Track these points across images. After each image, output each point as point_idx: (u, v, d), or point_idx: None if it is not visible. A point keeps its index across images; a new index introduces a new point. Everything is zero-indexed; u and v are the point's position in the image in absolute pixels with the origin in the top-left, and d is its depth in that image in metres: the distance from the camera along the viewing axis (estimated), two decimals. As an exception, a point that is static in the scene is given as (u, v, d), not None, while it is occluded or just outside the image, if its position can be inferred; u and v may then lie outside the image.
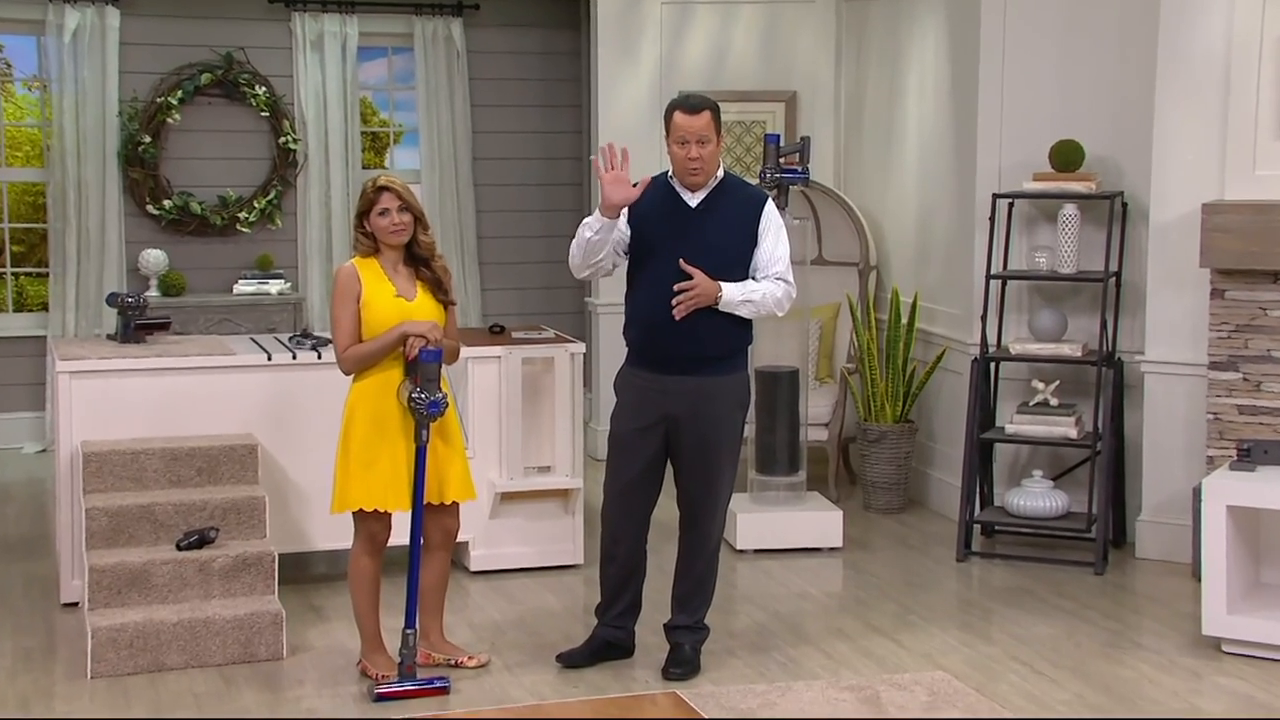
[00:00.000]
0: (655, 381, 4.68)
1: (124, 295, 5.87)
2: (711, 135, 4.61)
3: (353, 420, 4.56)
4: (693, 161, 4.60)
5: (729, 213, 4.68)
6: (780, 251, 4.71)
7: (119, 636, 4.76)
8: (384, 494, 4.55)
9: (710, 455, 4.70)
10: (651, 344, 4.68)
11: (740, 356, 4.78)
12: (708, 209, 4.68)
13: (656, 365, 4.68)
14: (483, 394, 5.82)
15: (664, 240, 4.65)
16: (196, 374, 5.55)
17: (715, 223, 4.66)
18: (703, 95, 4.74)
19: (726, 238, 4.66)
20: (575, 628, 5.18)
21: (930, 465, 7.07)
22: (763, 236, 4.70)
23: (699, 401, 4.65)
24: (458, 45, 8.72)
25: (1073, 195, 6.18)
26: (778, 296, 4.69)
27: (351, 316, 4.53)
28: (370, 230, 4.58)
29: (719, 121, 4.65)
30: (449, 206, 8.76)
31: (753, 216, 4.69)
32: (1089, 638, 5.20)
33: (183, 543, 5.06)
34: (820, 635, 5.24)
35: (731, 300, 4.61)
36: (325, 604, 5.49)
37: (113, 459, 5.28)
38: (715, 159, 4.66)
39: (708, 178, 4.67)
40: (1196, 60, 5.87)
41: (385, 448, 4.55)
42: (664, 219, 4.67)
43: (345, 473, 4.56)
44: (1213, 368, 5.80)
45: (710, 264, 4.61)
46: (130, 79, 8.20)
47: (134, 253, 8.24)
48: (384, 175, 4.65)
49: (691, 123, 4.59)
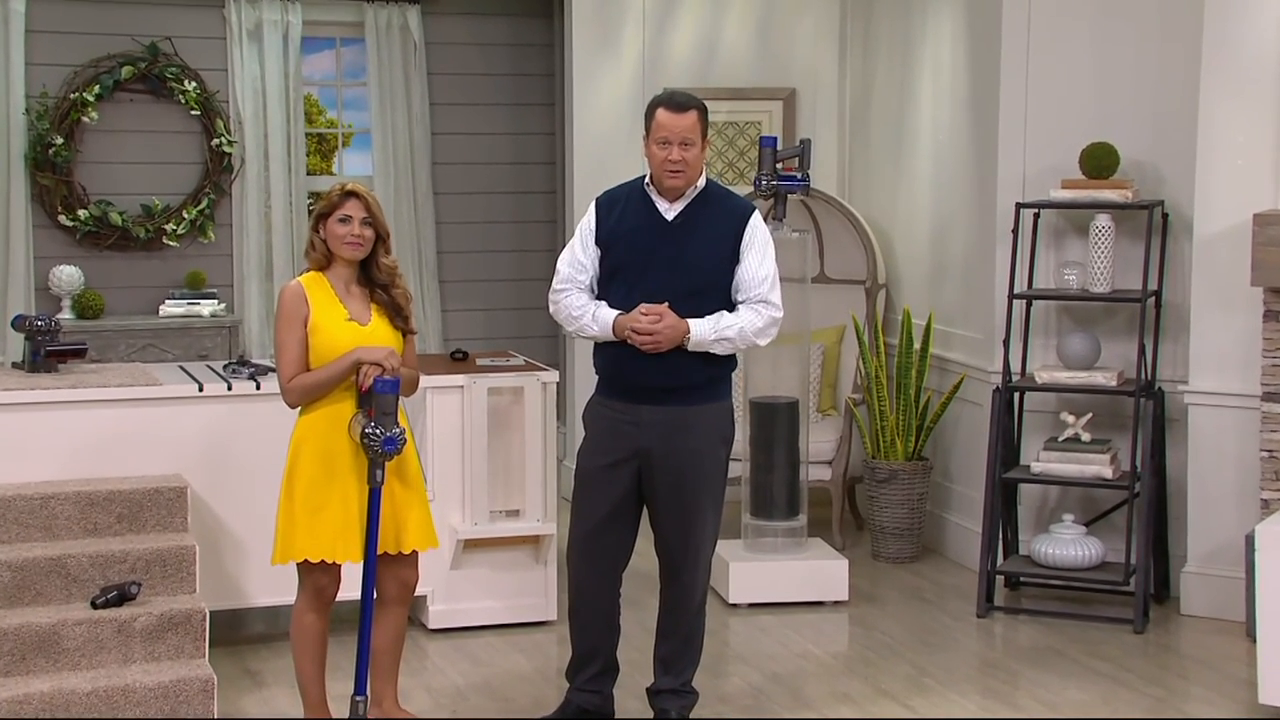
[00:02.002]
0: (627, 412, 4.69)
1: (32, 318, 5.83)
2: (696, 138, 4.62)
3: (298, 459, 4.52)
4: (673, 164, 4.60)
5: (709, 227, 4.66)
6: (764, 271, 4.68)
7: (22, 710, 4.70)
8: (333, 543, 4.51)
9: (688, 496, 4.68)
10: (621, 372, 4.69)
11: (722, 384, 4.76)
12: (685, 222, 4.68)
13: (628, 394, 4.69)
14: (443, 428, 5.79)
15: (636, 257, 4.66)
16: (117, 407, 5.51)
17: (693, 238, 4.66)
18: (690, 93, 4.75)
19: (705, 255, 4.65)
20: (548, 692, 5.16)
21: (947, 508, 7.06)
22: (745, 253, 4.67)
23: (674, 434, 4.65)
24: (415, 36, 8.71)
25: (1106, 205, 6.18)
26: (758, 326, 4.66)
27: (298, 341, 4.49)
28: (324, 237, 4.56)
29: (706, 124, 4.67)
30: (405, 217, 8.73)
31: (735, 231, 4.68)
32: (1128, 705, 5.18)
33: (99, 600, 5.01)
34: (823, 700, 5.21)
35: (702, 340, 4.61)
36: (263, 668, 5.44)
37: (18, 504, 5.22)
38: (699, 165, 4.67)
39: (688, 184, 4.67)
40: (1246, 52, 5.89)
41: (335, 490, 4.51)
42: (637, 233, 4.68)
43: (289, 519, 4.51)
44: (1266, 399, 5.80)
45: (686, 285, 4.61)
46: (39, 72, 8.15)
47: (44, 269, 8.18)
48: (354, 182, 4.67)
49: (676, 122, 4.59)
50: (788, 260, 6.27)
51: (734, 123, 7.97)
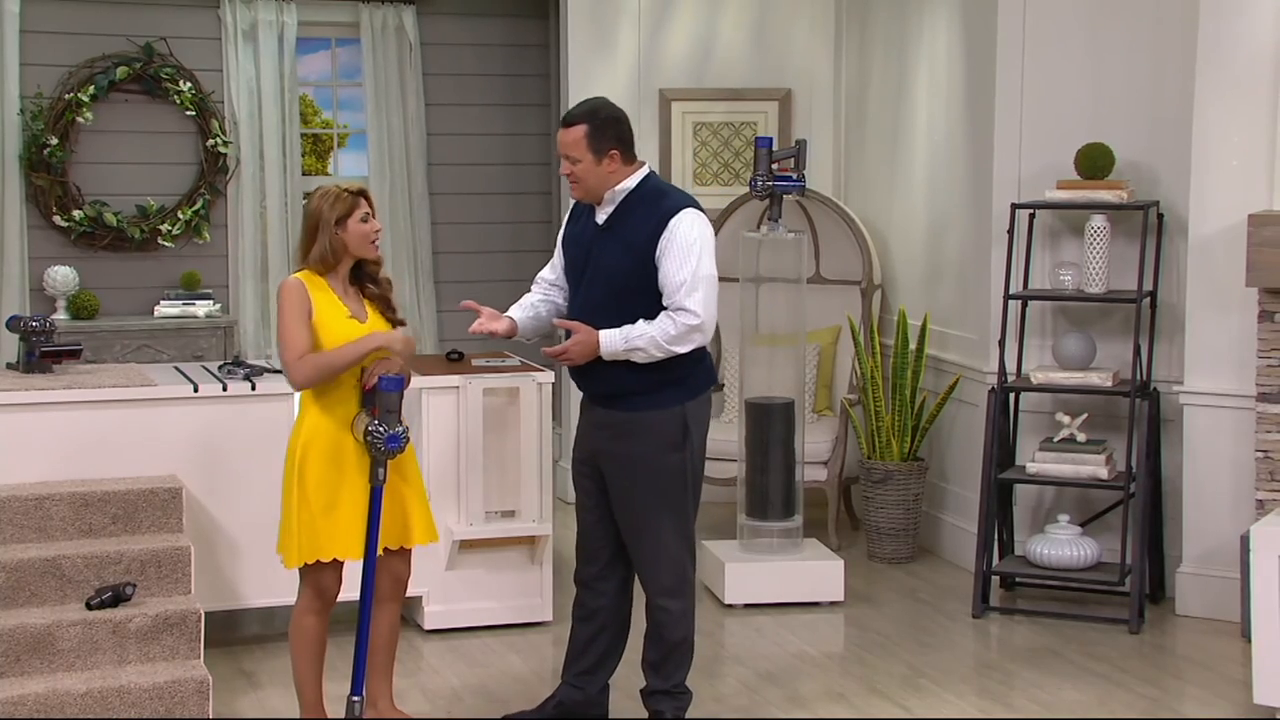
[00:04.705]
0: (586, 413, 4.79)
1: (27, 319, 5.82)
2: (583, 154, 4.56)
3: (307, 458, 4.51)
4: (567, 176, 4.64)
5: (630, 232, 4.60)
6: (680, 276, 4.50)
7: (17, 711, 4.69)
8: (347, 541, 4.52)
9: (637, 501, 4.67)
10: (574, 375, 4.74)
11: (671, 389, 4.64)
12: (611, 228, 4.65)
13: (586, 397, 4.78)
14: (439, 429, 5.79)
15: (576, 263, 4.72)
16: (112, 408, 5.50)
17: (614, 244, 4.63)
18: (591, 105, 4.65)
19: (621, 261, 4.60)
20: (543, 693, 5.14)
21: (942, 509, 7.06)
22: (661, 259, 4.53)
23: (620, 439, 4.66)
24: (410, 36, 8.71)
25: (1102, 205, 6.19)
26: (671, 335, 4.52)
27: (305, 327, 4.48)
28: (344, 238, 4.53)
29: (602, 138, 4.56)
30: (401, 218, 8.73)
31: (653, 235, 4.55)
32: (1123, 705, 5.18)
33: (94, 601, 5.00)
34: (818, 700, 5.21)
35: (613, 351, 4.56)
36: (258, 669, 5.43)
37: (12, 505, 5.21)
38: (592, 176, 4.59)
39: (588, 196, 4.65)
40: (1241, 53, 5.89)
41: (345, 489, 4.52)
42: (579, 239, 4.73)
43: (308, 520, 4.49)
44: (1261, 399, 5.81)
45: (605, 292, 4.61)
46: (34, 72, 8.15)
47: (38, 270, 8.18)
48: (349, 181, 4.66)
49: (561, 137, 4.62)
50: (783, 261, 6.31)
51: (730, 123, 7.97)
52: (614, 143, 4.59)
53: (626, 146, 4.62)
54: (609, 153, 4.58)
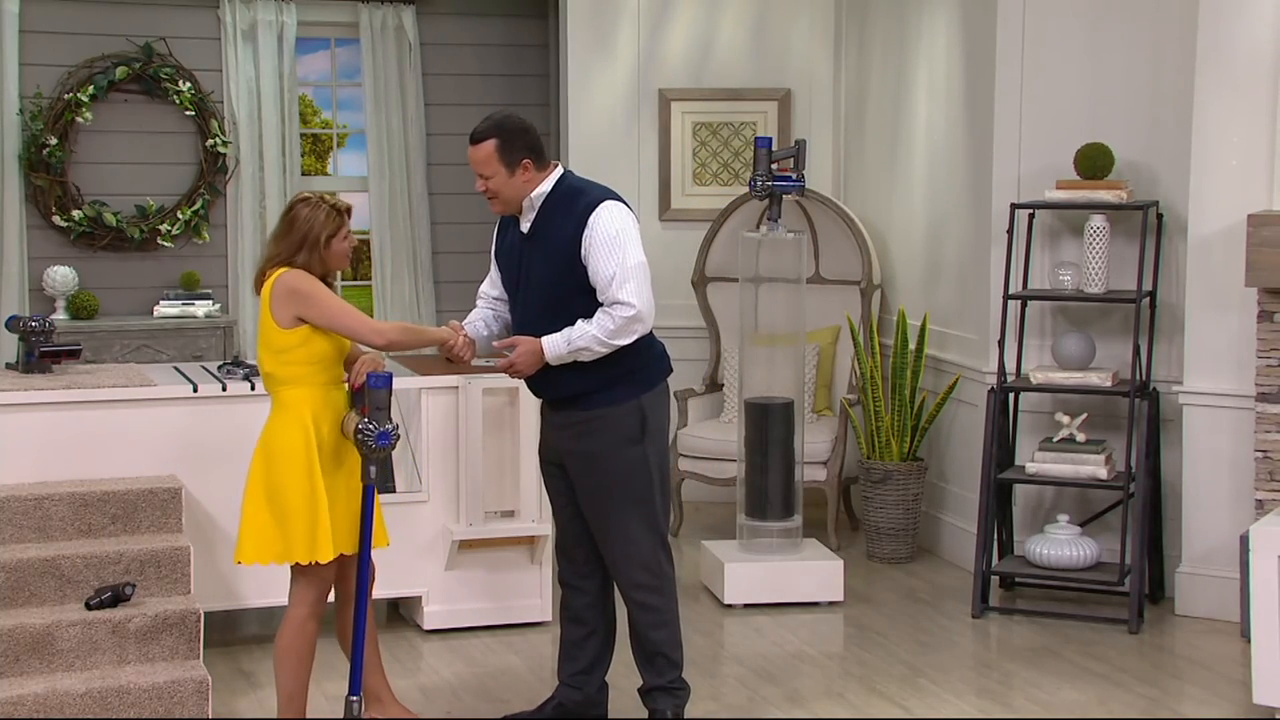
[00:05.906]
0: (548, 415, 4.78)
1: (26, 319, 5.82)
2: (496, 169, 4.52)
3: (309, 454, 4.51)
4: (483, 194, 4.61)
5: (554, 235, 4.57)
6: (609, 270, 4.47)
7: (16, 711, 4.69)
8: (348, 536, 4.55)
9: (600, 498, 4.66)
10: (529, 384, 4.74)
11: (625, 385, 4.62)
12: (535, 235, 4.63)
13: (543, 401, 4.79)
14: (438, 429, 5.79)
15: (509, 276, 4.72)
16: (111, 408, 5.50)
17: (541, 251, 4.60)
18: (496, 119, 4.58)
19: (553, 266, 4.57)
20: (542, 693, 5.14)
21: (942, 509, 7.06)
22: (588, 257, 4.50)
23: (579, 438, 4.66)
24: (410, 36, 8.71)
25: (1101, 205, 6.19)
26: (611, 329, 4.49)
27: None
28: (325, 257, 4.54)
29: (513, 149, 4.51)
30: (400, 218, 8.73)
31: (575, 234, 4.52)
32: (1123, 705, 5.18)
33: (93, 601, 5.00)
34: (818, 700, 5.21)
35: (558, 356, 4.54)
36: (257, 669, 5.44)
37: (12, 505, 5.21)
38: (509, 189, 4.56)
39: (508, 209, 4.63)
40: (1240, 53, 5.89)
41: (341, 486, 4.55)
42: (509, 251, 4.72)
43: (314, 517, 4.49)
44: (1261, 399, 5.80)
45: (540, 300, 4.59)
46: (33, 72, 8.16)
47: (38, 270, 8.18)
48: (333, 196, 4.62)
49: (472, 155, 4.58)
50: (783, 261, 6.31)
51: (729, 123, 7.97)
52: (525, 152, 4.54)
53: (538, 154, 4.57)
54: (521, 163, 4.54)
